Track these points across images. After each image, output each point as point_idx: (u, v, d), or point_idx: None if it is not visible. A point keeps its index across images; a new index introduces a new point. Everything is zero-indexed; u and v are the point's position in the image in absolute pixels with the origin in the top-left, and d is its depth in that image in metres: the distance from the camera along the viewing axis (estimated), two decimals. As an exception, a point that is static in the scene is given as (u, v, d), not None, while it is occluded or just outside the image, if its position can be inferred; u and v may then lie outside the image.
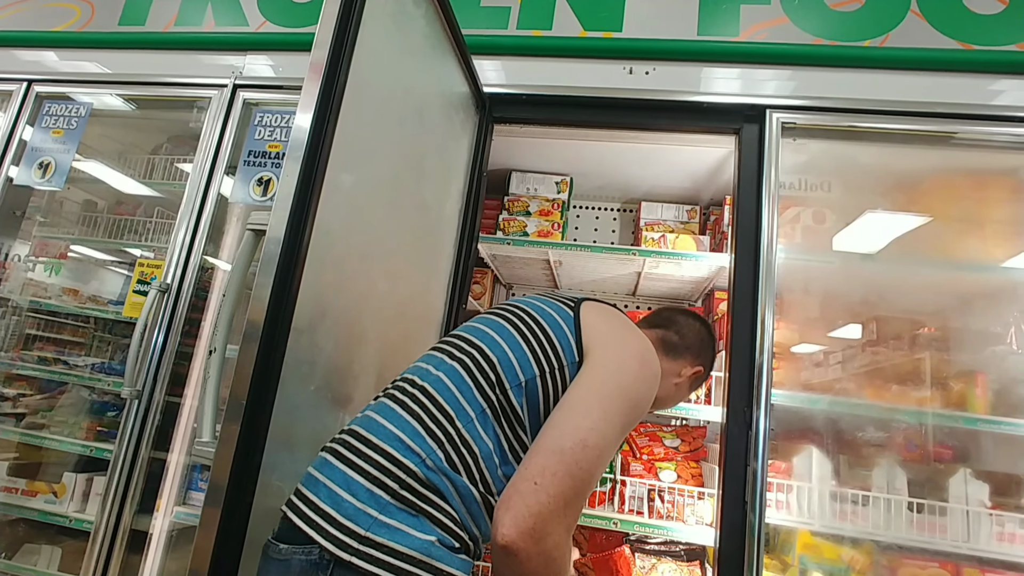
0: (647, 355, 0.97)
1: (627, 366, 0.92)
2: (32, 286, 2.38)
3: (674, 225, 2.42)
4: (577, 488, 0.80)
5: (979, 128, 1.69)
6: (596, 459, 0.82)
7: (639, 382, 0.93)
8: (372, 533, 0.77)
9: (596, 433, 0.83)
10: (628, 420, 0.89)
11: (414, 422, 0.86)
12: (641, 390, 0.92)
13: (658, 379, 0.98)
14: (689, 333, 1.24)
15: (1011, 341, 1.74)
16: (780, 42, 1.81)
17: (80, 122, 2.18)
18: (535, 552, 0.77)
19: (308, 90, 1.03)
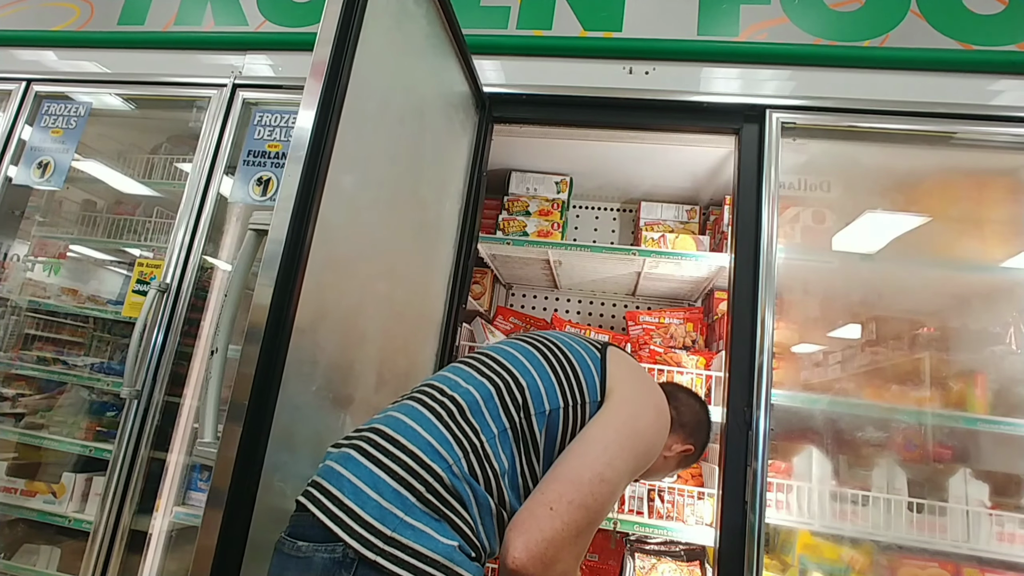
0: (662, 407, 1.02)
1: (645, 413, 0.97)
2: (31, 286, 2.38)
3: (674, 225, 2.42)
4: (590, 519, 0.83)
5: (978, 128, 1.69)
6: (609, 494, 0.85)
7: (653, 431, 0.97)
8: (398, 534, 0.78)
9: (612, 469, 0.86)
10: (638, 465, 0.92)
11: (443, 428, 0.88)
12: (653, 439, 0.97)
13: (666, 433, 1.03)
14: (686, 411, 1.27)
15: (1010, 341, 1.74)
16: (780, 42, 1.81)
17: (79, 122, 2.17)
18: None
19: (310, 90, 1.03)
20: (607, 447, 0.88)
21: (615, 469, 0.87)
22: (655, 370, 2.00)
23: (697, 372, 1.99)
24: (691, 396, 1.32)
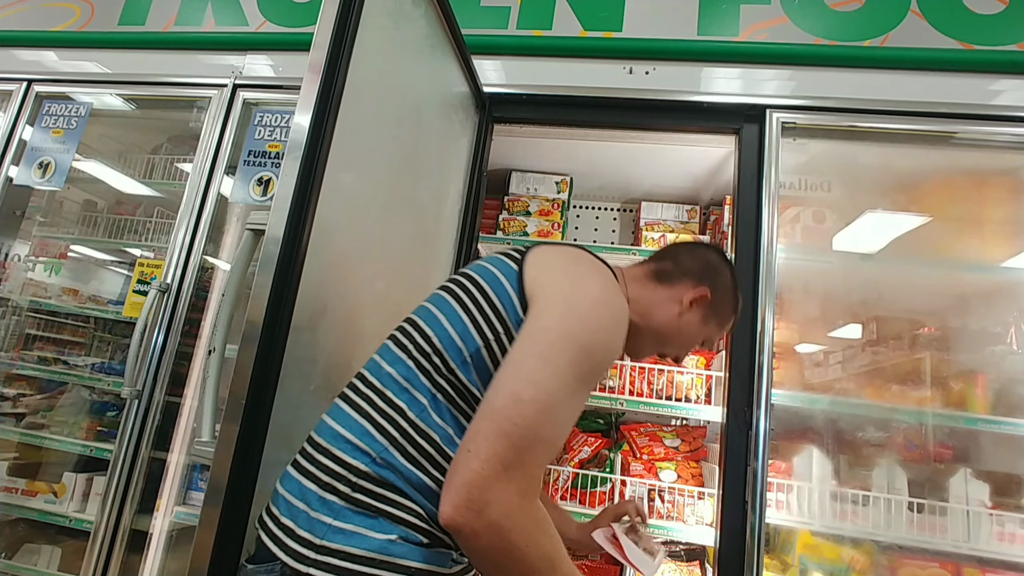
0: (602, 293, 0.84)
1: (573, 308, 0.80)
2: (32, 286, 2.38)
3: (674, 225, 2.42)
4: (516, 447, 0.71)
5: (979, 128, 1.69)
6: (536, 413, 0.72)
7: (589, 323, 0.80)
8: (327, 541, 0.74)
9: (532, 385, 0.73)
10: (583, 370, 0.77)
11: (363, 420, 0.82)
12: (594, 334, 0.80)
13: (620, 318, 0.85)
14: (688, 259, 1.09)
15: (1011, 341, 1.74)
16: (780, 42, 1.81)
17: (80, 122, 2.18)
18: (480, 526, 0.69)
19: (307, 90, 1.03)
20: (521, 364, 0.76)
21: (537, 384, 0.73)
22: (655, 370, 2.00)
23: (697, 372, 1.99)
24: (697, 246, 1.13)
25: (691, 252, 1.10)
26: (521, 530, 0.72)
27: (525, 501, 0.72)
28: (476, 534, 0.69)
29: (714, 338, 1.12)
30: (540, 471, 0.75)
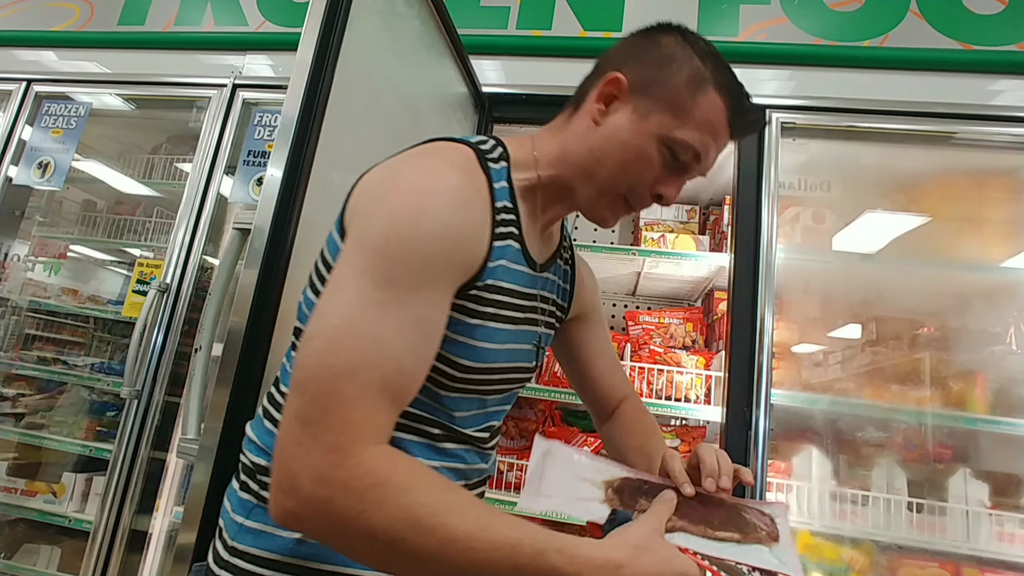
0: (418, 175, 0.66)
1: (377, 212, 0.63)
2: (31, 286, 2.38)
3: (674, 225, 2.42)
4: (311, 394, 0.56)
5: (978, 128, 1.69)
6: (325, 344, 0.57)
7: (393, 217, 0.62)
8: (237, 541, 0.71)
9: (318, 317, 0.59)
10: (387, 270, 0.60)
11: (264, 418, 0.77)
12: (395, 227, 0.61)
13: (449, 193, 0.64)
14: (603, 57, 0.82)
15: (1010, 341, 1.74)
16: (780, 42, 1.81)
17: (79, 122, 2.18)
18: (299, 507, 0.54)
19: (294, 88, 1.04)
20: (317, 308, 0.61)
21: (324, 313, 0.59)
22: (655, 370, 2.00)
23: (697, 372, 1.99)
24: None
25: (612, 47, 0.83)
26: (348, 493, 0.53)
27: (342, 456, 0.54)
28: (301, 519, 0.55)
29: (686, 139, 0.73)
30: (362, 413, 0.56)
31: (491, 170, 0.75)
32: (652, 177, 0.76)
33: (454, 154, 0.72)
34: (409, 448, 0.73)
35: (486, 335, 0.73)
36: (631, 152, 0.74)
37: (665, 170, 0.75)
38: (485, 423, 0.83)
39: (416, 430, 0.74)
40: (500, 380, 0.80)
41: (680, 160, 0.75)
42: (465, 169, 0.71)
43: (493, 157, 0.77)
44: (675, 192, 0.78)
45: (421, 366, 0.64)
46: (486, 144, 0.78)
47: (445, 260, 0.64)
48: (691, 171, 0.77)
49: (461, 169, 0.70)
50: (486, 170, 0.74)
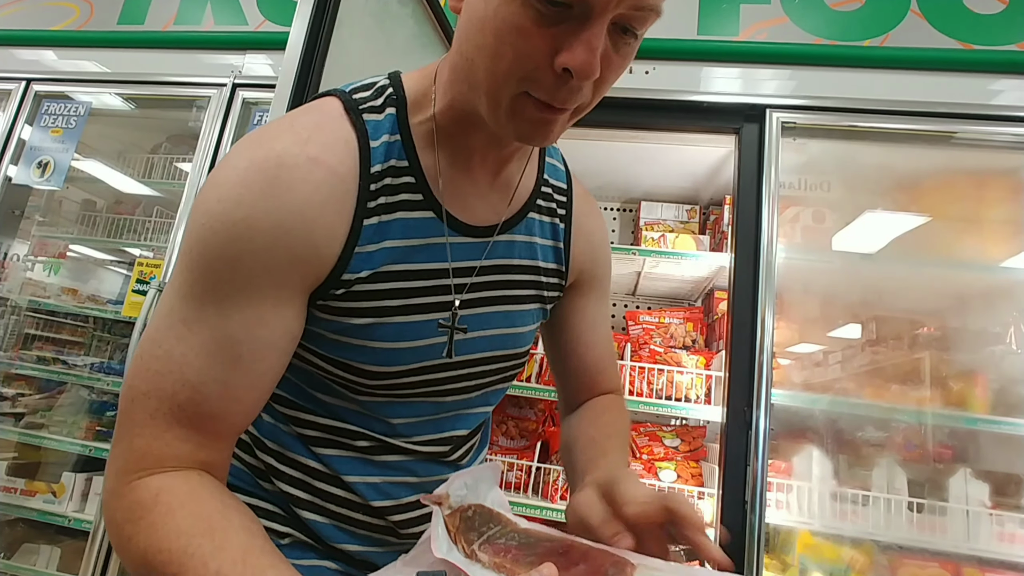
0: (239, 159, 0.53)
1: (191, 217, 0.54)
2: (31, 285, 2.38)
3: (674, 225, 2.42)
4: (118, 417, 0.53)
5: (979, 128, 1.69)
6: (134, 368, 0.53)
7: (203, 216, 0.52)
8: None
9: (147, 341, 0.53)
10: (196, 277, 0.52)
11: None
12: (203, 227, 0.51)
13: (259, 169, 0.51)
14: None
15: (1011, 340, 1.74)
16: (780, 42, 1.81)
17: (79, 121, 2.17)
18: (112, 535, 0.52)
19: (281, 88, 1.04)
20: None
21: (143, 338, 0.53)
22: (655, 370, 2.00)
23: (697, 372, 1.99)
24: None
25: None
26: (112, 523, 0.51)
27: (120, 483, 0.51)
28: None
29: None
30: (147, 440, 0.51)
31: (367, 124, 0.59)
32: (535, 48, 0.49)
33: (306, 115, 0.57)
34: (336, 464, 0.64)
35: (385, 334, 0.60)
36: (491, 26, 0.50)
37: (544, 28, 0.48)
38: (440, 432, 0.69)
39: (341, 444, 0.65)
40: (442, 380, 0.65)
41: (553, 3, 0.47)
42: (305, 135, 0.54)
43: (374, 105, 0.60)
44: (584, 56, 0.48)
45: (230, 392, 0.53)
46: (368, 90, 0.62)
47: (263, 263, 0.52)
48: (576, 11, 0.48)
49: (298, 136, 0.54)
50: (358, 126, 0.58)
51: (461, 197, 0.64)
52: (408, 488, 0.68)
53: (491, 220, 0.66)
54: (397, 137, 0.60)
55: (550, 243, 0.75)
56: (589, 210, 0.80)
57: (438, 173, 0.62)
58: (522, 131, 0.55)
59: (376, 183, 0.58)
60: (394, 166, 0.59)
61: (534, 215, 0.72)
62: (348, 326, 0.59)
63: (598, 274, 0.82)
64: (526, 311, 0.72)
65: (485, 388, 0.71)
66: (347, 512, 0.66)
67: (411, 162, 0.60)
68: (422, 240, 0.61)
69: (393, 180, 0.59)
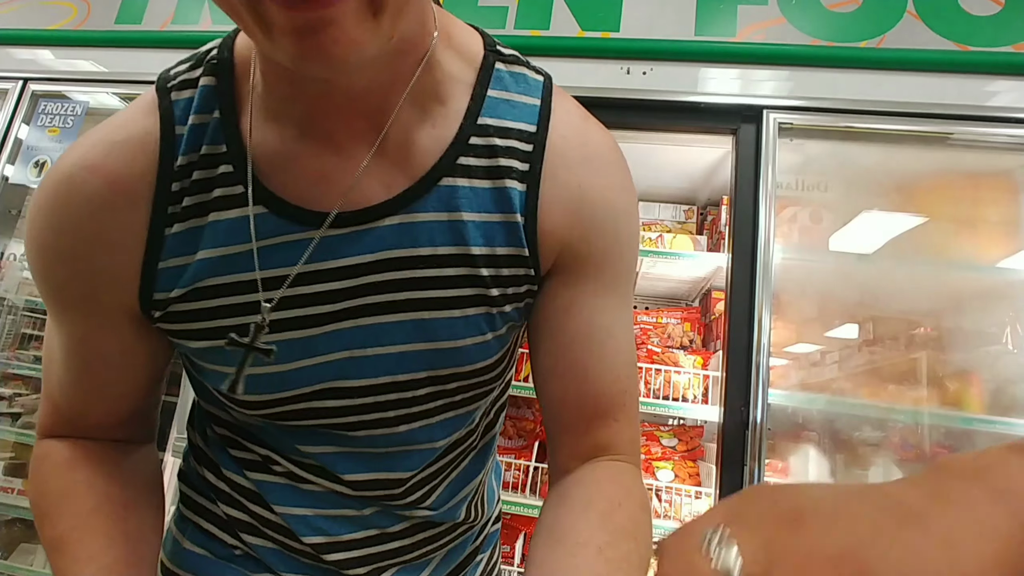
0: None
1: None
2: (28, 285, 2.37)
3: (671, 225, 2.42)
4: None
5: (974, 129, 1.69)
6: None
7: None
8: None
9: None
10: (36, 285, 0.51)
11: None
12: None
13: (39, 205, 0.47)
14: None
15: (1006, 341, 1.75)
16: (777, 42, 1.81)
17: (76, 121, 2.17)
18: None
19: None
20: None
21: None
22: (652, 370, 2.00)
23: (695, 372, 2.00)
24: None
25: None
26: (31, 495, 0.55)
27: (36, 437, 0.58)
28: None
29: None
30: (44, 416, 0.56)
31: (174, 105, 0.47)
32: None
33: (131, 108, 0.49)
34: (265, 491, 0.56)
35: (225, 359, 0.50)
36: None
37: None
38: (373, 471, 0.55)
39: (268, 469, 0.57)
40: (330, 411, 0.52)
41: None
42: (97, 137, 0.47)
43: (187, 79, 0.48)
44: None
45: (84, 396, 0.53)
46: (189, 60, 0.50)
47: (61, 285, 0.49)
48: None
49: (88, 140, 0.47)
50: (163, 109, 0.47)
51: (318, 180, 0.47)
52: (348, 524, 0.57)
53: (377, 199, 0.48)
54: (214, 115, 0.47)
55: (497, 217, 0.50)
56: (581, 159, 0.53)
57: (249, 153, 0.47)
58: (291, 52, 0.37)
59: (182, 180, 0.47)
60: (208, 154, 0.47)
61: (455, 181, 0.49)
62: (191, 350, 0.51)
63: (595, 254, 0.53)
64: (457, 318, 0.51)
65: (413, 421, 0.54)
66: (287, 540, 0.57)
67: (230, 145, 0.47)
68: (247, 245, 0.47)
69: (206, 172, 0.47)
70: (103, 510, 0.50)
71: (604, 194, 0.53)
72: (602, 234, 0.53)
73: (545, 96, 0.54)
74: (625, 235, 0.55)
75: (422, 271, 0.49)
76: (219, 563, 0.60)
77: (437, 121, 0.49)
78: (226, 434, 0.60)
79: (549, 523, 0.49)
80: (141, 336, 0.52)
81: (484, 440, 0.65)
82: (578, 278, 0.54)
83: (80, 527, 0.48)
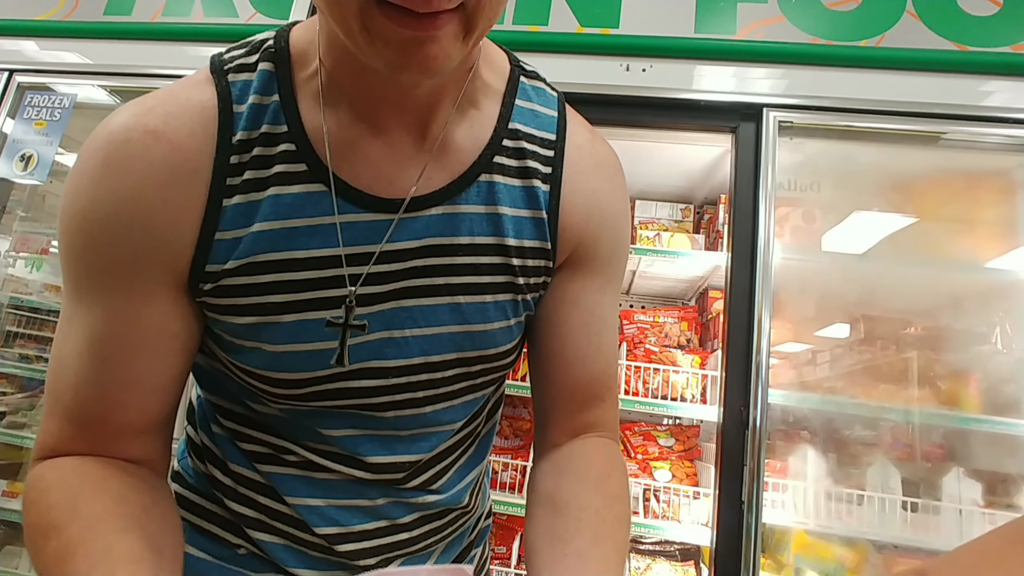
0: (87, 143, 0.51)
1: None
2: (13, 282, 2.32)
3: (668, 224, 2.41)
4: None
5: (968, 128, 1.69)
6: (50, 360, 0.52)
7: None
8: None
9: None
10: (69, 275, 0.53)
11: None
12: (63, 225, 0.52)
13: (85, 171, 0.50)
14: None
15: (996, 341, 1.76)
16: (777, 41, 1.81)
17: (64, 114, 2.12)
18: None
19: None
20: None
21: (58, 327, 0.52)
22: (650, 369, 1.99)
23: (693, 371, 1.99)
24: None
25: None
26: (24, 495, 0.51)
27: (32, 463, 0.53)
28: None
29: None
30: (47, 434, 0.51)
31: (232, 86, 0.50)
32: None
33: (180, 85, 0.51)
34: (277, 482, 0.57)
35: (273, 336, 0.51)
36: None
37: None
38: (391, 453, 0.58)
39: (280, 460, 0.58)
40: (367, 390, 0.54)
41: None
42: (150, 104, 0.48)
43: (244, 63, 0.51)
44: None
45: (106, 394, 0.50)
46: (246, 46, 0.53)
47: (108, 257, 0.48)
48: None
49: (141, 106, 0.48)
50: (221, 88, 0.49)
51: (369, 165, 0.51)
52: (360, 514, 0.58)
53: (424, 191, 0.53)
54: (274, 98, 0.50)
55: (527, 213, 0.56)
56: (594, 167, 0.60)
57: (325, 136, 0.50)
58: (390, 60, 0.41)
59: (240, 155, 0.49)
60: (268, 132, 0.49)
61: (492, 177, 0.55)
62: (235, 326, 0.51)
63: (601, 252, 0.61)
64: (488, 303, 0.55)
65: (440, 402, 0.58)
66: (297, 533, 0.58)
67: (292, 126, 0.49)
68: (306, 220, 0.50)
69: (266, 150, 0.49)
70: (120, 511, 0.45)
71: (613, 199, 0.62)
72: (609, 235, 0.62)
73: (560, 109, 0.62)
74: (624, 237, 0.64)
75: (461, 258, 0.54)
76: (219, 565, 0.60)
77: (474, 123, 0.56)
78: (233, 427, 0.59)
79: (550, 491, 0.58)
80: (181, 315, 0.51)
81: (488, 426, 0.70)
82: (586, 274, 0.61)
83: (94, 528, 0.43)
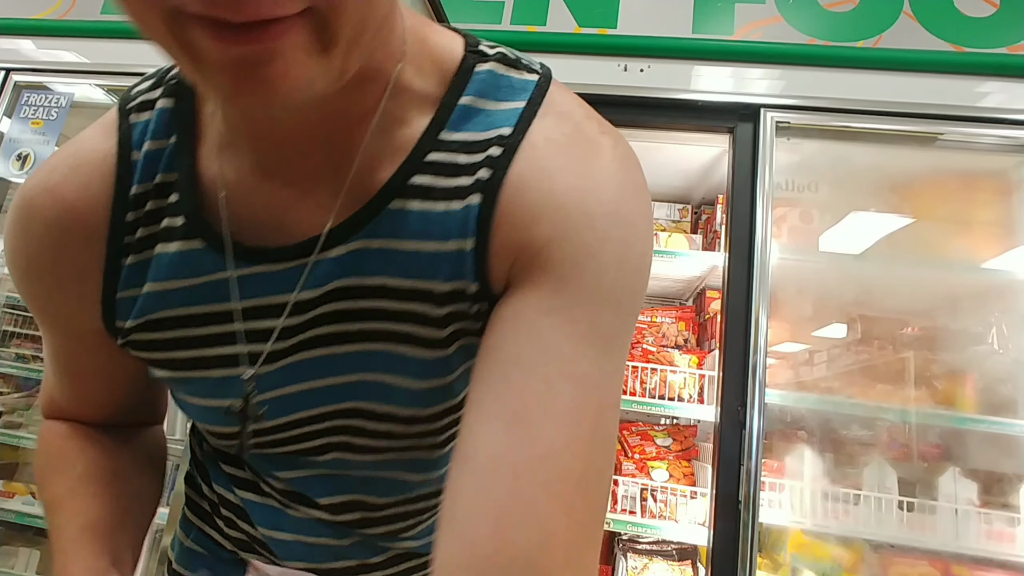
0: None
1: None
2: (9, 281, 2.31)
3: (666, 224, 2.42)
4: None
5: (965, 129, 1.70)
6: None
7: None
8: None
9: None
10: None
11: None
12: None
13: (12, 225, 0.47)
14: None
15: (992, 341, 1.76)
16: (774, 41, 1.81)
17: (61, 113, 2.12)
18: None
19: None
20: None
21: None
22: (648, 369, 1.99)
23: (690, 371, 1.99)
24: None
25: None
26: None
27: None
28: None
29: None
30: (47, 403, 0.58)
31: (133, 128, 0.46)
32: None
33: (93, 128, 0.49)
34: (251, 510, 0.56)
35: (187, 390, 0.49)
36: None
37: None
38: (344, 493, 0.53)
39: (256, 488, 0.56)
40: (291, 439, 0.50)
41: None
42: (61, 157, 0.46)
43: (147, 100, 0.47)
44: None
45: (74, 393, 0.56)
46: (151, 79, 0.50)
47: (38, 305, 0.49)
48: None
49: (53, 160, 0.47)
50: (122, 132, 0.46)
51: (271, 211, 0.43)
52: (328, 553, 0.55)
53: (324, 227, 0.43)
54: (171, 140, 0.44)
55: (450, 245, 0.41)
56: (565, 163, 0.42)
57: (222, 182, 0.43)
58: (222, 86, 0.30)
59: (136, 210, 0.44)
60: (161, 183, 0.44)
61: (407, 204, 0.42)
62: (161, 378, 0.50)
63: (553, 261, 0.39)
64: (409, 356, 0.44)
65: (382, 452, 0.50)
66: (274, 558, 0.58)
67: (181, 173, 0.43)
68: (193, 280, 0.44)
69: (158, 203, 0.44)
70: (93, 475, 0.53)
71: (589, 201, 0.41)
72: (573, 241, 0.39)
73: (535, 96, 0.46)
74: (608, 251, 0.40)
75: (371, 302, 0.43)
76: (222, 563, 0.61)
77: (399, 144, 0.43)
78: (217, 448, 0.59)
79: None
80: (122, 353, 0.49)
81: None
82: (529, 286, 0.40)
83: (72, 488, 0.52)
